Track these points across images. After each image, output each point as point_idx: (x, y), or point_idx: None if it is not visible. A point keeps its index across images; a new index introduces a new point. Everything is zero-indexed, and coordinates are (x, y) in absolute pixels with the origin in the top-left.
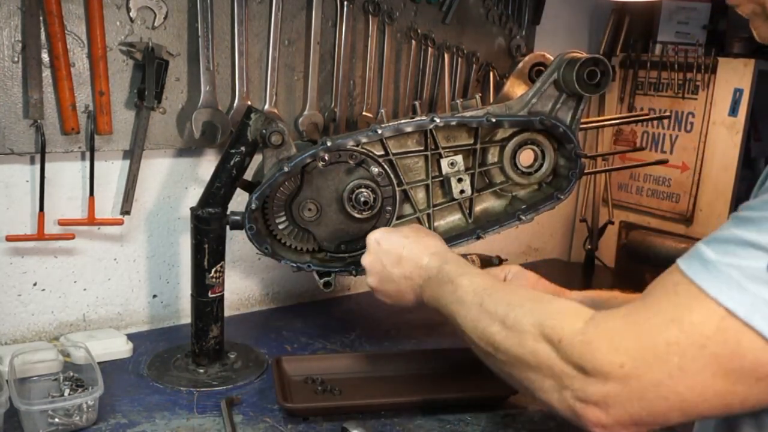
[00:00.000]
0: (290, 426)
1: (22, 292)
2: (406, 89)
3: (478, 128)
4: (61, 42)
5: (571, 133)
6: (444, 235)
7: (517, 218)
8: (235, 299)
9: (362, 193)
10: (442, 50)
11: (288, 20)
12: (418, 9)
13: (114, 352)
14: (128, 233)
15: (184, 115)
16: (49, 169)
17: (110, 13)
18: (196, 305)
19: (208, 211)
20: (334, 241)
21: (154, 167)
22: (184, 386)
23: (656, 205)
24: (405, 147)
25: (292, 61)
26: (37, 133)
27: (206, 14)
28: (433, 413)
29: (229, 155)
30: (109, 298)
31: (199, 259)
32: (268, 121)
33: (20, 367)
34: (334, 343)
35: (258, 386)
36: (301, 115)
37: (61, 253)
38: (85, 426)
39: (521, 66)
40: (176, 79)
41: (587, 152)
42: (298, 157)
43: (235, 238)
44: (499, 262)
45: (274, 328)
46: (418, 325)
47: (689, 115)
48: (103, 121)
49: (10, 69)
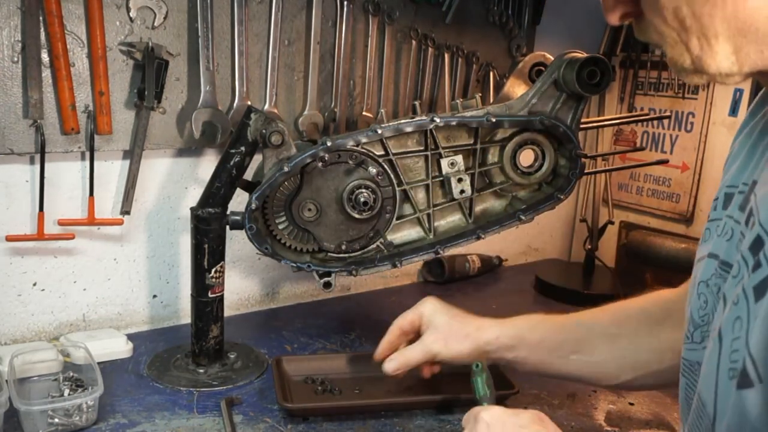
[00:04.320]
0: (290, 426)
1: (21, 292)
2: (406, 89)
3: (478, 128)
4: (61, 42)
5: (571, 133)
6: (444, 235)
7: (517, 218)
8: (235, 299)
9: (362, 193)
10: (442, 50)
11: (288, 20)
12: (418, 9)
13: (114, 352)
14: (128, 233)
15: (184, 115)
16: (48, 169)
17: (110, 13)
18: (196, 305)
19: (208, 211)
20: (334, 242)
21: (154, 167)
22: (184, 386)
23: (656, 205)
24: (405, 147)
25: (292, 61)
26: (37, 133)
27: (206, 14)
28: (433, 413)
29: (229, 155)
30: (109, 298)
31: (199, 259)
32: (268, 121)
33: (20, 367)
34: (334, 343)
35: (258, 386)
36: (301, 115)
37: (61, 253)
38: (85, 426)
39: (521, 66)
40: (176, 79)
41: (587, 152)
42: (298, 157)
43: (235, 238)
44: (500, 262)
45: (274, 328)
46: None
47: (689, 115)
48: (103, 121)
49: (9, 69)
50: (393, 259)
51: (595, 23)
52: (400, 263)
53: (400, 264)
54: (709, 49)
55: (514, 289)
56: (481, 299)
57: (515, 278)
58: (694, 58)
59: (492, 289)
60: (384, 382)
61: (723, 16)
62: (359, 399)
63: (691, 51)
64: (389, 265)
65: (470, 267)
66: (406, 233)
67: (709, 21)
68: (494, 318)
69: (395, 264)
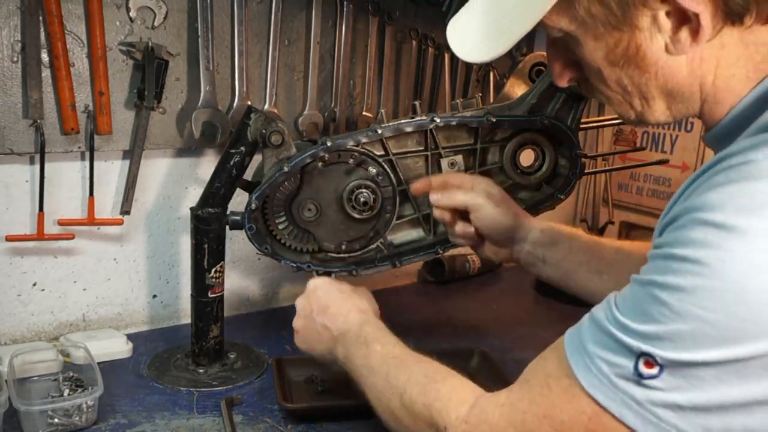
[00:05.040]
0: (290, 426)
1: (21, 292)
2: (406, 89)
3: (478, 128)
4: (61, 42)
5: (571, 133)
6: (444, 235)
7: None
8: (235, 299)
9: (362, 193)
10: (442, 50)
11: (288, 20)
12: (418, 9)
13: (114, 352)
14: (128, 233)
15: (184, 115)
16: (48, 169)
17: (110, 13)
18: (196, 305)
19: (208, 211)
20: (334, 242)
21: (154, 167)
22: (184, 386)
23: (656, 205)
24: (405, 147)
25: (292, 61)
26: (37, 133)
27: (206, 14)
28: None
29: (229, 155)
30: (108, 298)
31: (199, 259)
32: (268, 121)
33: (20, 367)
34: None
35: (258, 386)
36: (301, 115)
37: (61, 253)
38: (85, 426)
39: (521, 66)
40: (176, 79)
41: (587, 152)
42: (298, 157)
43: (235, 238)
44: (500, 262)
45: (274, 328)
46: (418, 325)
47: None
48: (102, 121)
49: (9, 69)
50: (393, 259)
51: None
52: (400, 263)
53: (400, 264)
54: (648, 108)
55: (514, 289)
56: (481, 299)
57: (515, 278)
58: (638, 113)
59: (492, 289)
60: None
61: (656, 85)
62: (359, 399)
63: (634, 108)
64: (389, 265)
65: (470, 267)
66: (406, 233)
67: (645, 88)
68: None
69: (395, 264)
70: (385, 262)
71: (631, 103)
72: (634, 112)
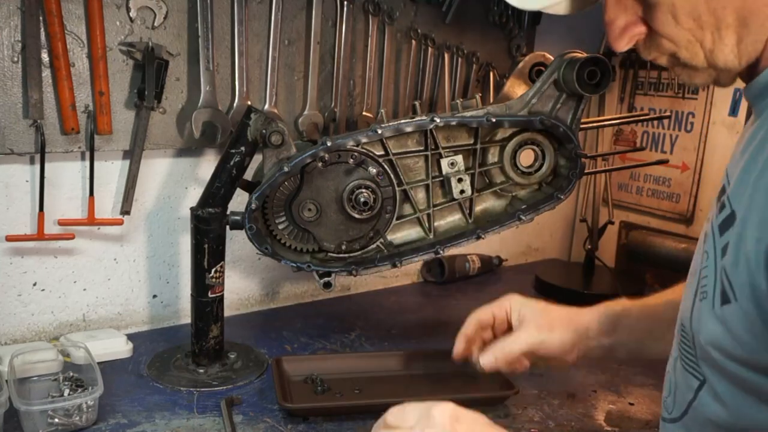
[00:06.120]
0: (290, 426)
1: (22, 292)
2: (406, 89)
3: (478, 128)
4: (61, 42)
5: (571, 133)
6: (444, 235)
7: (517, 218)
8: (235, 299)
9: (362, 193)
10: (442, 50)
11: (288, 20)
12: (418, 9)
13: (114, 352)
14: (128, 233)
15: (184, 115)
16: (48, 169)
17: (110, 13)
18: (196, 305)
19: (208, 211)
20: (334, 242)
21: (154, 167)
22: (184, 386)
23: (656, 205)
24: (405, 147)
25: (292, 61)
26: (37, 133)
27: (206, 14)
28: None
29: (229, 155)
30: (109, 298)
31: (199, 259)
32: (268, 121)
33: (20, 367)
34: (334, 343)
35: (258, 386)
36: (301, 115)
37: (61, 253)
38: (85, 426)
39: (521, 66)
40: (176, 79)
41: (587, 152)
42: (298, 157)
43: (235, 238)
44: (500, 262)
45: (274, 328)
46: (418, 325)
47: (689, 115)
48: (103, 121)
49: (9, 69)
50: (393, 259)
51: (595, 23)
52: (400, 263)
53: (400, 264)
54: (720, 42)
55: (514, 290)
56: (481, 299)
57: (515, 278)
58: (707, 52)
59: (492, 289)
60: (384, 382)
61: (733, 8)
62: (359, 399)
63: (704, 47)
64: (389, 265)
65: (470, 267)
66: (406, 233)
67: (722, 13)
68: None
69: (395, 264)
70: (385, 262)
71: (702, 41)
72: (704, 51)
